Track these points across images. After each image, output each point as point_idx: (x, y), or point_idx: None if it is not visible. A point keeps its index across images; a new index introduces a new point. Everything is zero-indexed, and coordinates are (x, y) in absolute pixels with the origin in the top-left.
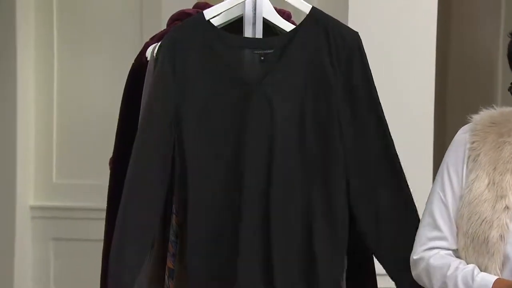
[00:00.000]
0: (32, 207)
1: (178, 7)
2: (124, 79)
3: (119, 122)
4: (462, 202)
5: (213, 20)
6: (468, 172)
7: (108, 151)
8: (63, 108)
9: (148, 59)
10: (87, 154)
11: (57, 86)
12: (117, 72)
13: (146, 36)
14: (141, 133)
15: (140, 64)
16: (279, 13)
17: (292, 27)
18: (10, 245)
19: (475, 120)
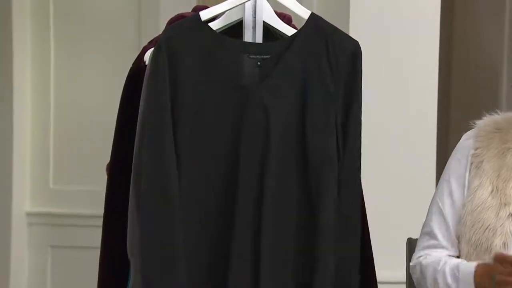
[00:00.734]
0: (29, 214)
1: (176, 10)
2: (122, 83)
3: (116, 127)
4: (465, 210)
5: (212, 23)
6: (470, 179)
7: (106, 157)
8: (60, 113)
9: (147, 63)
10: (84, 160)
11: (54, 91)
12: (114, 76)
13: (144, 40)
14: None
15: (138, 68)
16: (280, 16)
17: (293, 31)
18: (6, 252)
19: (479, 126)
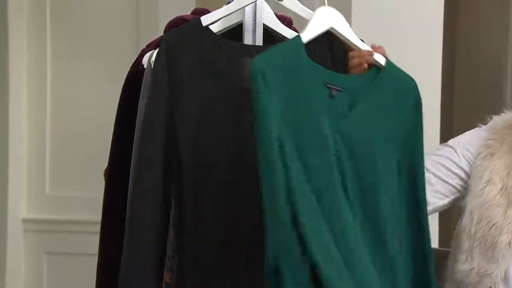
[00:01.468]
0: (25, 220)
1: (175, 13)
2: (120, 86)
3: (114, 132)
4: (472, 204)
5: (212, 26)
6: (474, 169)
7: (103, 162)
8: (56, 117)
9: (145, 66)
10: (81, 165)
11: (50, 95)
12: (112, 80)
13: (143, 40)
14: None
15: (136, 71)
16: (280, 19)
17: (293, 34)
18: (1, 259)
19: (495, 119)
